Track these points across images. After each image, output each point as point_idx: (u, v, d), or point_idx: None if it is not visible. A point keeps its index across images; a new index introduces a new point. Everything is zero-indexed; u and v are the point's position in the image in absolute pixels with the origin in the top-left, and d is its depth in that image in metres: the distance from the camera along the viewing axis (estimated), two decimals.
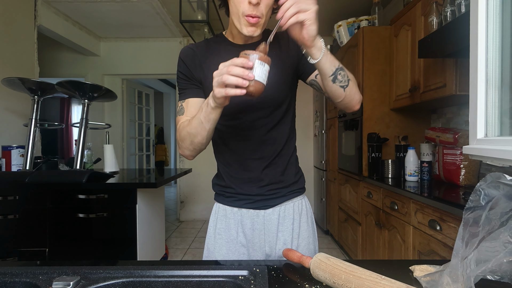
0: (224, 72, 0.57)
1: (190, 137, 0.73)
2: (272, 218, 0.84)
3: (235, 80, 0.56)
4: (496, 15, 1.01)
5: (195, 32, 2.66)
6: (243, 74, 0.55)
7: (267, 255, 0.85)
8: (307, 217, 0.88)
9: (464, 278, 0.43)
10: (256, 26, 0.70)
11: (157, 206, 2.28)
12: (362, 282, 0.50)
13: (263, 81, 0.58)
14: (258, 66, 0.57)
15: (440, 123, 2.12)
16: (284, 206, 0.85)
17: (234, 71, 0.56)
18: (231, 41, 0.81)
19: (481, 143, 1.03)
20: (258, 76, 0.57)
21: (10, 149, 2.12)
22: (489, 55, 1.02)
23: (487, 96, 1.03)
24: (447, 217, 1.25)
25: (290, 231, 0.84)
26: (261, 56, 0.57)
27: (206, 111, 0.66)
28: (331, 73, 0.69)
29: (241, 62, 0.56)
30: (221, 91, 0.58)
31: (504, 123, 1.01)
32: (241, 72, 0.55)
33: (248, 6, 0.67)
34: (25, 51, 2.58)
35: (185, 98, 0.80)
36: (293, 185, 0.86)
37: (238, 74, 0.56)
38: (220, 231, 0.86)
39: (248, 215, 0.84)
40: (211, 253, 0.86)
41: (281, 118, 0.82)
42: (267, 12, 0.70)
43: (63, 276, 0.57)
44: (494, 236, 0.42)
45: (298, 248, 0.85)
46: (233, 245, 0.84)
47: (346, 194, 2.62)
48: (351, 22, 2.66)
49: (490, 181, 0.44)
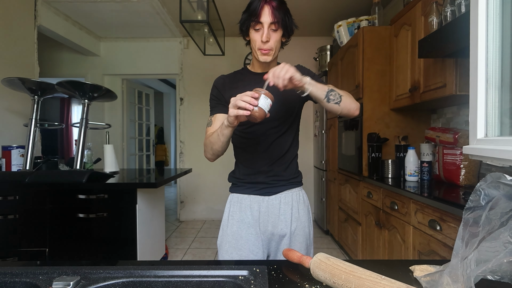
0: (238, 98, 0.79)
1: (210, 145, 0.97)
2: (274, 203, 1.04)
3: (244, 104, 0.77)
4: (496, 15, 1.01)
5: (195, 32, 2.66)
6: (250, 100, 0.78)
7: (270, 232, 1.03)
8: (304, 205, 1.09)
9: (464, 278, 0.42)
10: (268, 55, 0.97)
11: (157, 206, 2.28)
12: (362, 282, 0.50)
13: (265, 110, 0.80)
14: (263, 98, 0.79)
15: (440, 123, 2.12)
16: (285, 194, 1.06)
17: (245, 98, 0.78)
18: (252, 70, 1.08)
19: (481, 143, 1.03)
20: (261, 105, 0.79)
21: (10, 149, 2.12)
22: (489, 55, 1.02)
23: (487, 96, 1.03)
24: (447, 217, 1.25)
25: (289, 215, 1.04)
26: (266, 92, 0.80)
27: (222, 128, 0.89)
28: (323, 97, 0.91)
29: (251, 93, 0.78)
30: (233, 111, 0.80)
31: (504, 123, 1.01)
32: (249, 99, 0.78)
33: (261, 43, 0.95)
34: (25, 51, 2.58)
35: (214, 114, 1.05)
36: (292, 179, 1.08)
37: (246, 100, 0.78)
38: (233, 213, 1.06)
39: (255, 200, 1.04)
40: (224, 231, 1.06)
41: (286, 130, 1.05)
42: (276, 45, 0.96)
43: (63, 276, 0.57)
44: (494, 236, 0.42)
45: (296, 230, 1.04)
46: (243, 224, 1.03)
47: (346, 194, 2.62)
48: (351, 22, 2.66)
49: (490, 181, 0.44)
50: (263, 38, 0.92)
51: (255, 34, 0.95)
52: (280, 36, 0.96)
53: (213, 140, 0.95)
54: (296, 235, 1.03)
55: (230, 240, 1.02)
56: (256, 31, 0.95)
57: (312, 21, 3.48)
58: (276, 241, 1.04)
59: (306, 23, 3.52)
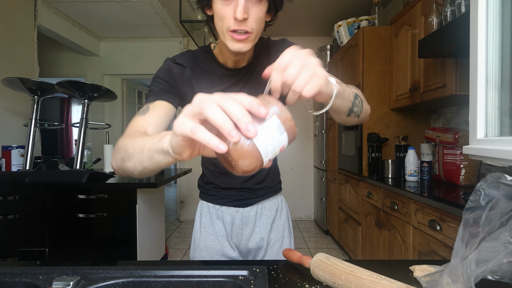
0: (213, 101, 0.34)
1: (126, 152, 0.52)
2: (250, 215, 0.89)
3: (222, 120, 0.33)
4: (496, 15, 1.01)
5: (195, 32, 2.66)
6: (242, 118, 0.33)
7: (244, 246, 0.90)
8: (281, 213, 0.94)
9: (464, 278, 0.42)
10: (245, 42, 0.61)
11: (157, 206, 2.28)
12: (362, 282, 0.50)
13: (263, 154, 0.35)
14: (272, 126, 0.36)
15: (440, 123, 2.12)
16: (262, 204, 0.90)
17: (231, 108, 0.33)
18: (221, 62, 0.75)
19: (481, 143, 1.03)
20: (262, 139, 0.35)
21: (10, 149, 2.11)
22: (489, 55, 1.02)
23: (487, 96, 1.03)
24: (447, 217, 1.25)
25: (265, 226, 0.90)
26: (285, 117, 0.36)
27: (156, 146, 0.44)
28: (346, 110, 0.60)
29: (250, 103, 0.34)
30: (188, 126, 0.34)
31: (504, 123, 1.01)
32: (239, 114, 0.33)
33: (233, 21, 0.59)
34: (25, 51, 2.58)
35: (155, 100, 0.68)
36: (272, 188, 0.92)
37: (234, 115, 0.33)
38: (204, 225, 0.91)
39: (228, 212, 0.89)
40: (196, 245, 0.91)
41: None
42: (258, 26, 0.61)
43: (63, 276, 0.57)
44: (494, 236, 0.42)
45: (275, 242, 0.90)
46: (216, 237, 0.89)
47: (346, 194, 2.62)
48: (351, 22, 2.66)
49: (490, 181, 0.44)
50: (238, 14, 0.57)
51: (224, 7, 0.59)
52: (264, 11, 0.61)
53: (134, 150, 0.50)
54: (274, 246, 0.90)
55: (203, 256, 0.89)
56: (226, 2, 0.59)
57: (312, 21, 3.49)
58: (253, 254, 0.92)
59: (306, 23, 3.52)
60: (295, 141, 3.71)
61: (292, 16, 3.30)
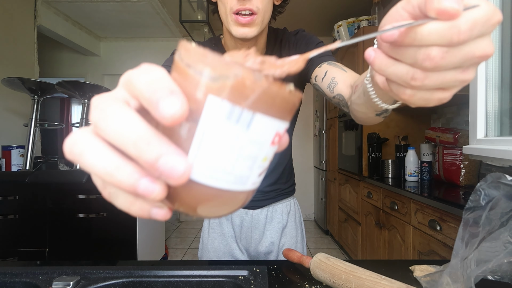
0: (93, 119, 0.17)
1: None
2: (260, 218, 0.86)
3: (108, 171, 0.16)
4: None
5: (195, 32, 2.66)
6: (144, 149, 0.15)
7: (253, 249, 0.87)
8: (294, 217, 0.89)
9: (464, 278, 0.42)
10: (250, 25, 0.54)
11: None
12: (362, 282, 0.50)
13: (230, 186, 0.18)
14: (222, 122, 0.16)
15: (440, 123, 2.12)
16: (273, 207, 0.86)
17: (119, 130, 0.16)
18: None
19: (481, 143, 1.03)
20: (212, 163, 0.17)
21: (10, 149, 2.11)
22: None
23: (487, 96, 1.03)
24: (447, 217, 1.25)
25: (276, 230, 0.86)
26: (252, 85, 0.16)
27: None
28: (383, 109, 0.40)
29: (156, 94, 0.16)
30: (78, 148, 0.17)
31: (504, 123, 1.01)
32: (137, 142, 0.15)
33: (235, 1, 0.52)
34: (25, 51, 2.58)
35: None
36: (285, 190, 0.88)
37: (127, 147, 0.16)
38: (213, 225, 0.89)
39: (237, 213, 0.86)
40: (204, 245, 0.89)
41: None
42: (264, 6, 0.54)
43: (63, 276, 0.57)
44: (494, 236, 0.42)
45: (285, 246, 0.86)
46: (224, 238, 0.87)
47: (346, 194, 2.62)
48: (351, 22, 2.66)
49: (490, 181, 0.44)
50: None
51: None
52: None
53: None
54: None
55: (211, 257, 0.87)
56: None
57: (312, 21, 3.48)
58: (263, 258, 0.89)
59: (306, 23, 3.52)
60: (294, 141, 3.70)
61: (292, 15, 3.30)
